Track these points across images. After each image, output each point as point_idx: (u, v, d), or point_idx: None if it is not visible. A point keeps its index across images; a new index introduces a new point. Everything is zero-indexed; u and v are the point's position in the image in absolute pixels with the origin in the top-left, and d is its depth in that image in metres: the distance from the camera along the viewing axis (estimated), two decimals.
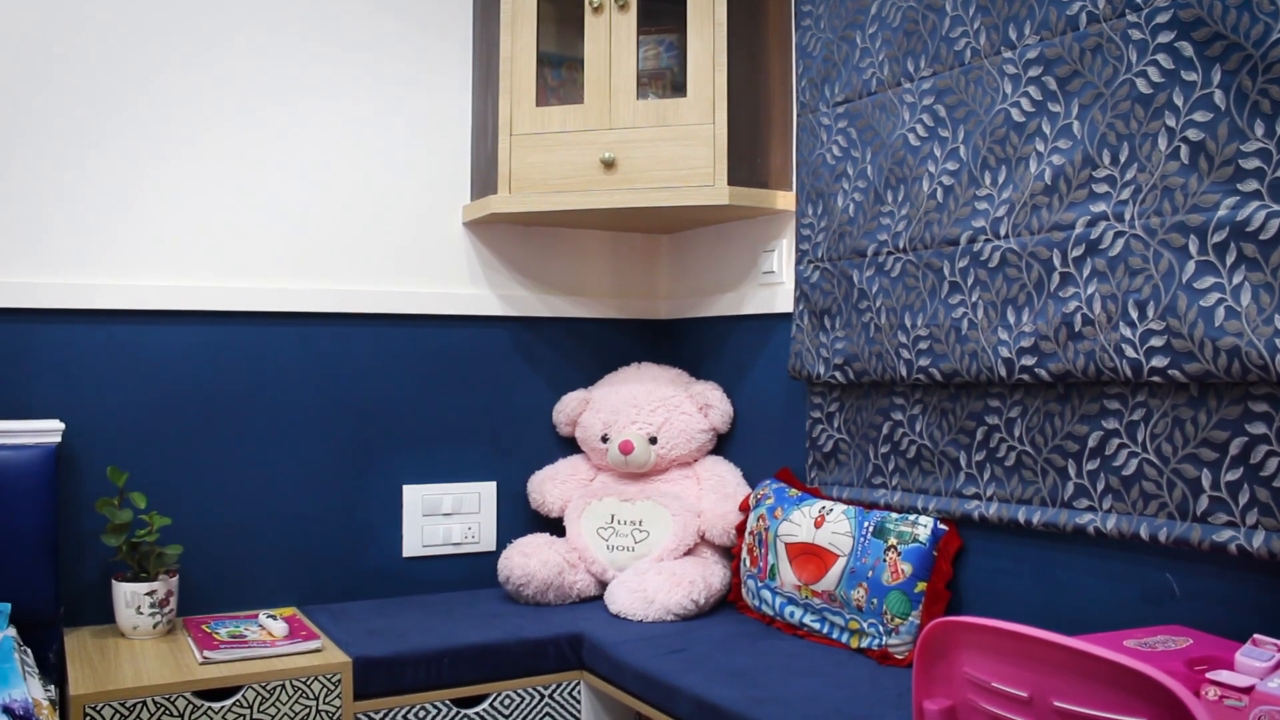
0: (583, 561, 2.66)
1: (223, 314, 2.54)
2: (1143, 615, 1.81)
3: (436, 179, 2.79)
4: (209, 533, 2.52)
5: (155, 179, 2.48)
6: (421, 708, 2.24)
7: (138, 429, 2.46)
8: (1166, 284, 1.70)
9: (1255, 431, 1.62)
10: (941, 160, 2.12)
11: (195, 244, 2.52)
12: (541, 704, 2.36)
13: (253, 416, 2.57)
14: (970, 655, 1.30)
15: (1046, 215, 1.91)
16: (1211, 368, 1.64)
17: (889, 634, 2.10)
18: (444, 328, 2.79)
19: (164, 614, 2.30)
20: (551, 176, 2.56)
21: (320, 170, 2.65)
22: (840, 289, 2.36)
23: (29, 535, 2.20)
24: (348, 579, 2.68)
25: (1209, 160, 1.65)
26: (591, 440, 2.79)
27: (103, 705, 1.97)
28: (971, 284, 2.05)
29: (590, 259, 3.01)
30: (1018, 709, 1.24)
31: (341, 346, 2.67)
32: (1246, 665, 1.42)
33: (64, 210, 2.40)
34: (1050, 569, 1.98)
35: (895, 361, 2.21)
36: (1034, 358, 1.92)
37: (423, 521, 2.76)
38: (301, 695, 2.12)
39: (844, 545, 2.21)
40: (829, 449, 2.44)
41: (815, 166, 2.45)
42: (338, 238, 2.67)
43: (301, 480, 2.62)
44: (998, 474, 2.04)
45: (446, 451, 2.80)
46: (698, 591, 2.47)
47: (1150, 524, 1.76)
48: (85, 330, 2.41)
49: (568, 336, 2.97)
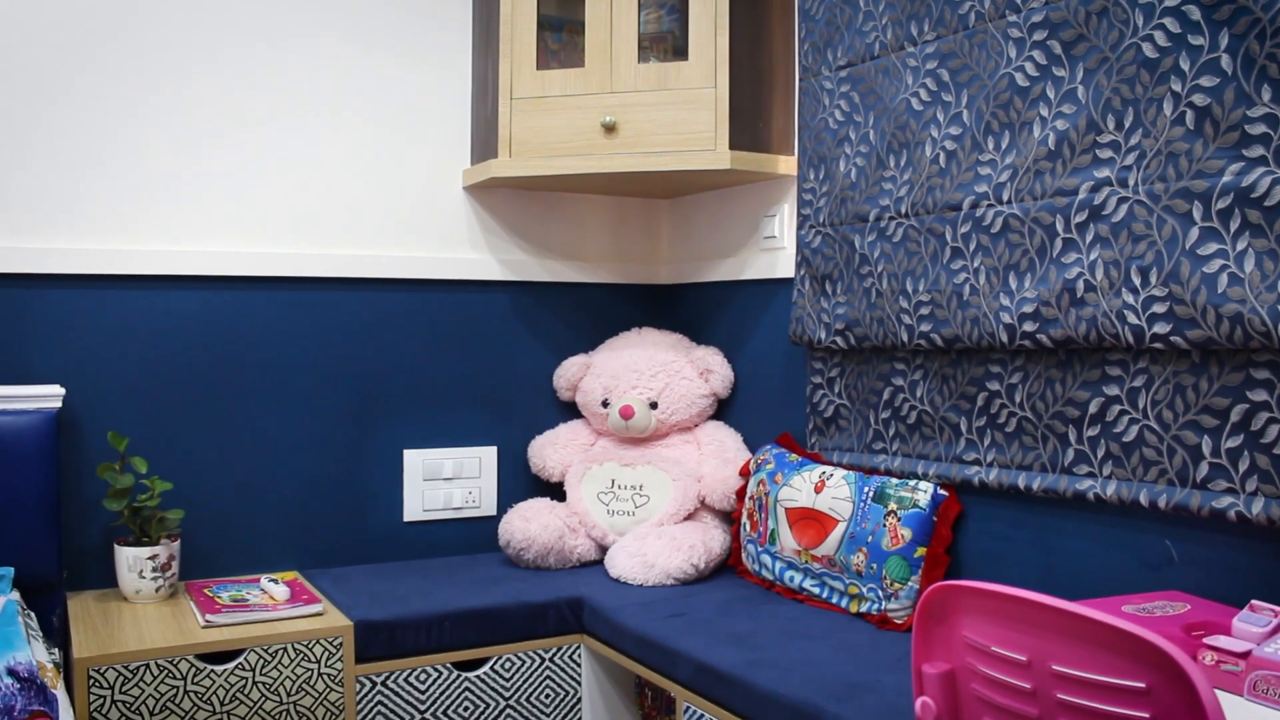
0: (583, 526, 2.67)
1: (223, 279, 2.53)
2: (1141, 581, 1.82)
3: (436, 143, 2.77)
4: (210, 497, 2.53)
5: (155, 144, 2.47)
6: (423, 670, 2.25)
7: (138, 394, 2.46)
8: (1169, 250, 1.70)
9: (1256, 398, 1.62)
10: (944, 125, 2.10)
11: (195, 209, 2.51)
12: (542, 667, 2.37)
13: (254, 382, 2.57)
14: (969, 619, 1.31)
15: (1050, 181, 1.90)
16: (1214, 334, 1.63)
17: (888, 599, 2.11)
18: (444, 292, 2.79)
19: (166, 578, 2.31)
20: (552, 140, 2.55)
21: (320, 134, 2.63)
22: (842, 254, 2.35)
23: (31, 500, 2.21)
24: (349, 543, 2.69)
25: (1214, 125, 1.63)
26: (592, 405, 2.79)
27: (106, 668, 1.98)
28: (973, 249, 2.04)
29: (591, 223, 3.00)
30: (1016, 673, 1.24)
31: (342, 311, 2.66)
32: (1243, 630, 1.43)
33: (63, 176, 2.38)
34: (1050, 535, 1.98)
35: (896, 327, 2.21)
36: (1035, 324, 1.92)
37: (423, 486, 2.77)
38: (303, 658, 2.13)
39: (844, 510, 2.21)
40: (829, 414, 2.44)
41: (817, 131, 2.43)
42: (337, 202, 2.66)
43: (302, 445, 2.63)
44: (998, 440, 2.05)
45: (447, 416, 2.80)
46: (698, 556, 2.47)
47: (1150, 490, 1.77)
48: (85, 295, 2.41)
49: (568, 301, 2.96)
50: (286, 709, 2.12)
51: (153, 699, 2.01)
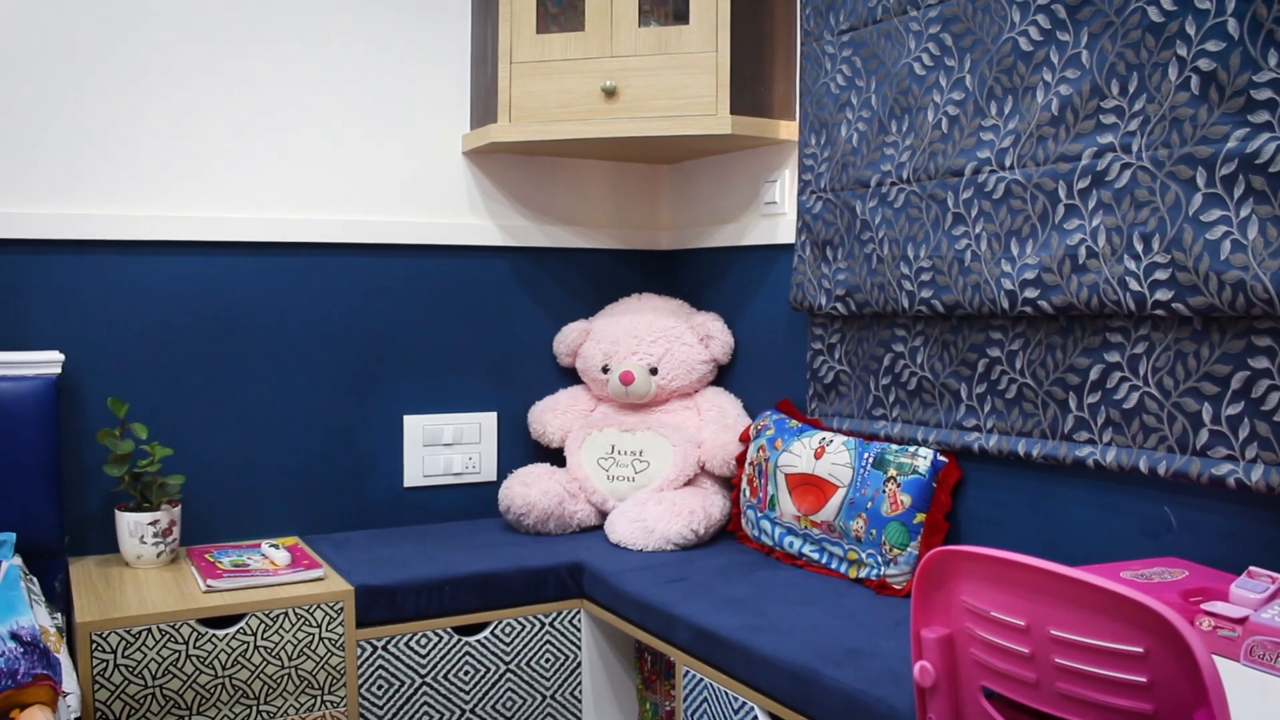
0: (583, 491, 2.68)
1: (222, 245, 2.53)
2: (1140, 548, 1.82)
3: (436, 108, 2.76)
4: (211, 463, 2.54)
5: (153, 109, 2.45)
6: (423, 635, 2.26)
7: (138, 360, 2.45)
8: (1172, 216, 1.69)
9: (1258, 366, 1.62)
10: (947, 90, 2.09)
11: (194, 174, 2.50)
12: (542, 632, 2.38)
13: (253, 348, 2.57)
14: (969, 584, 1.31)
15: (1052, 146, 1.89)
16: (1216, 301, 1.63)
17: (887, 564, 2.12)
18: (444, 258, 2.78)
19: (167, 543, 2.31)
20: (552, 105, 2.53)
21: (318, 99, 2.61)
22: (843, 220, 2.34)
23: (32, 466, 2.21)
24: (349, 509, 2.70)
25: (1220, 91, 1.62)
26: (592, 371, 2.79)
27: (108, 632, 1.99)
28: (975, 215, 2.03)
29: (591, 189, 2.99)
30: (1015, 637, 1.25)
31: (341, 277, 2.66)
32: (1241, 597, 1.43)
33: (61, 140, 2.37)
34: (1049, 501, 1.99)
35: (897, 293, 2.21)
36: (1037, 290, 1.91)
37: (424, 452, 2.77)
38: (304, 623, 2.14)
39: (844, 476, 2.22)
40: (830, 380, 2.44)
41: (819, 96, 2.41)
42: (336, 168, 2.65)
43: (303, 411, 2.63)
44: (998, 406, 2.05)
45: (447, 382, 2.80)
46: (697, 521, 2.48)
47: (1149, 457, 1.77)
48: (84, 261, 2.40)
49: (568, 267, 2.95)
50: (288, 673, 2.13)
51: (155, 663, 2.02)
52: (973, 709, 1.37)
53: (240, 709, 2.10)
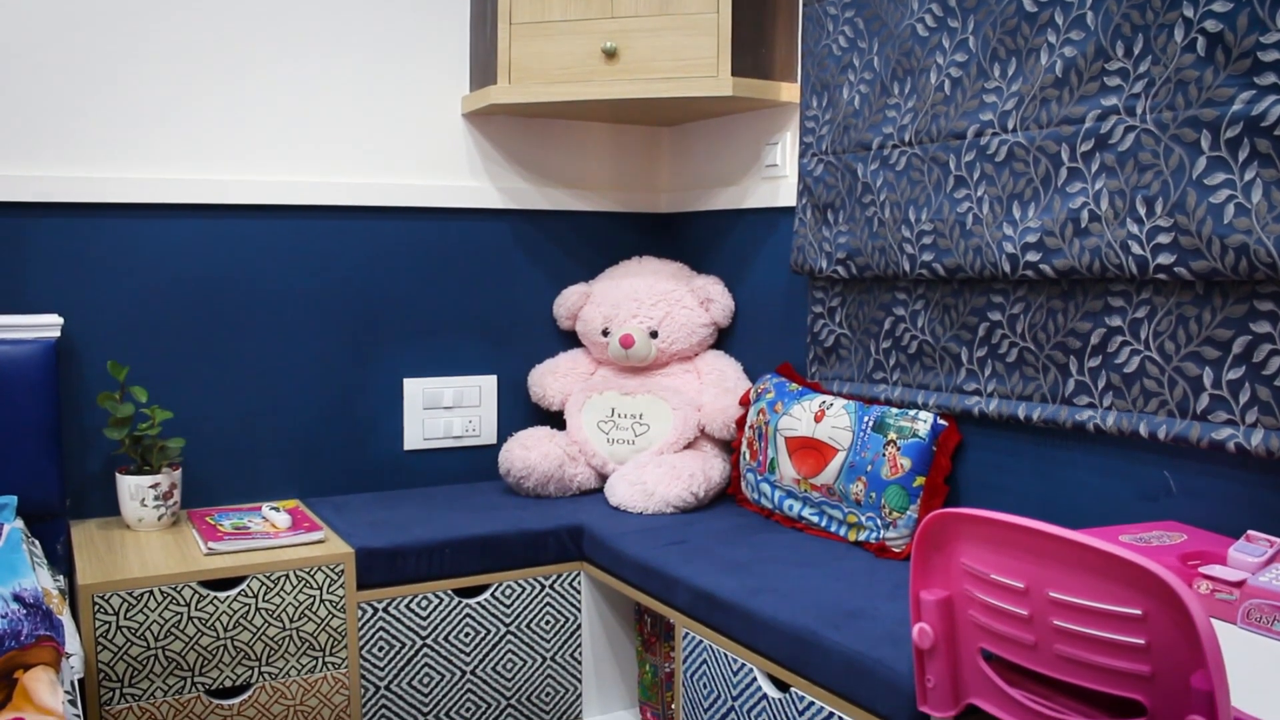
0: (583, 454, 2.68)
1: (222, 207, 2.51)
2: (1139, 511, 1.83)
3: (435, 70, 2.73)
4: (211, 426, 2.54)
5: (151, 72, 2.43)
6: (424, 597, 2.27)
7: (137, 324, 2.45)
8: (1176, 180, 1.68)
9: (1259, 330, 1.62)
10: (950, 51, 2.07)
11: (193, 137, 2.48)
12: (542, 594, 2.40)
13: (253, 310, 2.56)
14: (968, 547, 1.32)
15: (1056, 109, 1.87)
16: (1218, 265, 1.62)
17: (886, 527, 2.13)
18: (443, 221, 2.77)
19: (168, 506, 2.32)
20: (552, 67, 2.51)
21: (317, 61, 2.59)
22: (844, 183, 2.33)
23: (32, 429, 2.21)
24: (349, 472, 2.71)
25: (1226, 52, 1.61)
26: (592, 334, 2.79)
27: (110, 594, 2.00)
28: (977, 178, 2.02)
29: (591, 151, 2.97)
30: (1014, 599, 1.25)
31: (341, 240, 2.65)
32: (1239, 560, 1.44)
33: (60, 103, 2.35)
34: (1049, 465, 1.99)
35: (898, 256, 2.20)
36: (1039, 254, 1.91)
37: (423, 415, 2.78)
38: (305, 585, 2.15)
39: (844, 440, 2.22)
40: (830, 344, 2.44)
41: (821, 57, 2.39)
42: (336, 130, 2.63)
43: (302, 374, 2.63)
44: (999, 370, 2.04)
45: (447, 345, 2.80)
46: (697, 484, 2.49)
47: (1150, 421, 1.77)
48: (83, 224, 2.39)
49: (568, 230, 2.94)
50: (289, 634, 2.15)
51: (157, 624, 2.03)
52: (971, 671, 1.38)
53: (242, 670, 2.11)
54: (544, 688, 2.43)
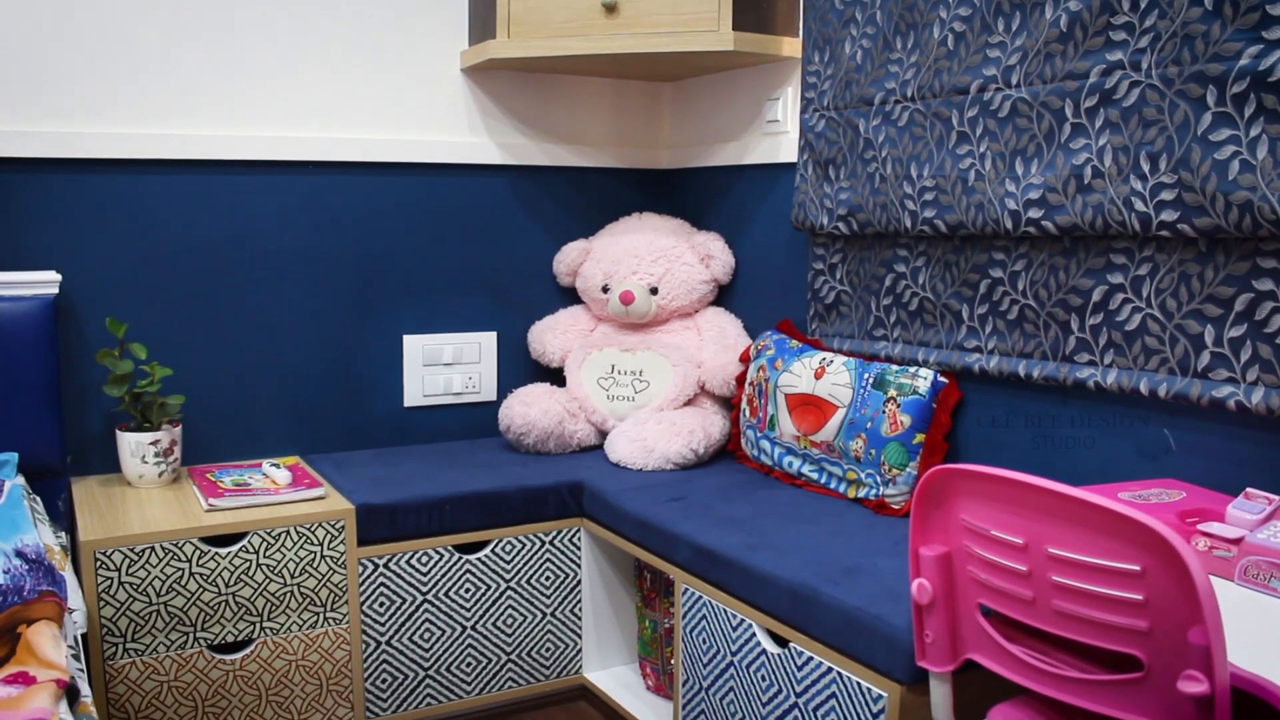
0: (583, 411, 2.68)
1: (220, 163, 2.50)
2: (1139, 469, 1.83)
3: (434, 24, 2.71)
4: (211, 383, 2.54)
5: (148, 27, 2.40)
6: (424, 553, 2.28)
7: (135, 280, 2.44)
8: (1181, 136, 1.67)
9: (1262, 288, 1.61)
10: (953, 6, 2.05)
11: (191, 93, 2.46)
12: (542, 550, 2.41)
13: (252, 267, 2.55)
14: (968, 502, 1.32)
15: (1060, 64, 1.85)
16: (1222, 222, 1.61)
17: (886, 484, 2.13)
18: (443, 177, 2.75)
19: (169, 463, 2.32)
20: (552, 20, 2.48)
21: (315, 16, 2.56)
22: (846, 138, 2.31)
23: (32, 386, 2.21)
24: (349, 428, 2.71)
25: (1234, 6, 1.59)
26: (592, 290, 2.78)
27: (112, 550, 2.01)
28: (980, 134, 2.01)
29: (591, 107, 2.95)
30: (1012, 555, 1.26)
31: (339, 196, 2.63)
32: (1237, 517, 1.44)
33: (57, 59, 2.33)
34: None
35: (900, 213, 2.19)
36: (1041, 210, 1.89)
37: (423, 371, 2.77)
38: (306, 541, 2.16)
39: (844, 396, 2.22)
40: (831, 300, 2.43)
41: (823, 12, 2.37)
42: (334, 85, 2.61)
43: (302, 330, 2.62)
44: (999, 327, 2.04)
45: (447, 301, 2.79)
46: (697, 441, 2.49)
47: (1150, 379, 1.77)
48: (81, 180, 2.37)
49: (568, 186, 2.92)
50: (290, 590, 2.16)
51: (159, 580, 2.04)
52: (970, 626, 1.38)
53: (244, 625, 2.13)
54: (544, 643, 2.44)
